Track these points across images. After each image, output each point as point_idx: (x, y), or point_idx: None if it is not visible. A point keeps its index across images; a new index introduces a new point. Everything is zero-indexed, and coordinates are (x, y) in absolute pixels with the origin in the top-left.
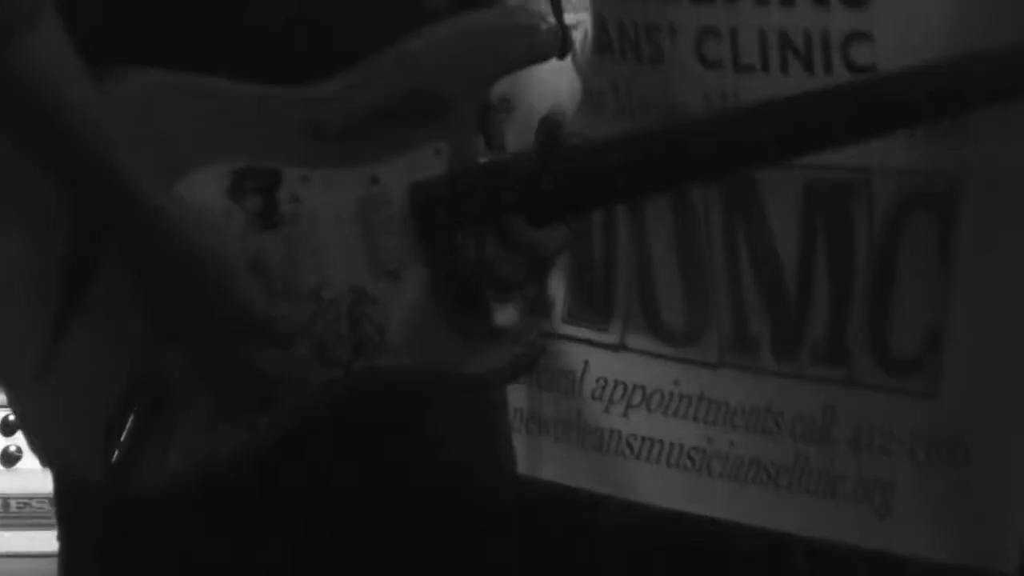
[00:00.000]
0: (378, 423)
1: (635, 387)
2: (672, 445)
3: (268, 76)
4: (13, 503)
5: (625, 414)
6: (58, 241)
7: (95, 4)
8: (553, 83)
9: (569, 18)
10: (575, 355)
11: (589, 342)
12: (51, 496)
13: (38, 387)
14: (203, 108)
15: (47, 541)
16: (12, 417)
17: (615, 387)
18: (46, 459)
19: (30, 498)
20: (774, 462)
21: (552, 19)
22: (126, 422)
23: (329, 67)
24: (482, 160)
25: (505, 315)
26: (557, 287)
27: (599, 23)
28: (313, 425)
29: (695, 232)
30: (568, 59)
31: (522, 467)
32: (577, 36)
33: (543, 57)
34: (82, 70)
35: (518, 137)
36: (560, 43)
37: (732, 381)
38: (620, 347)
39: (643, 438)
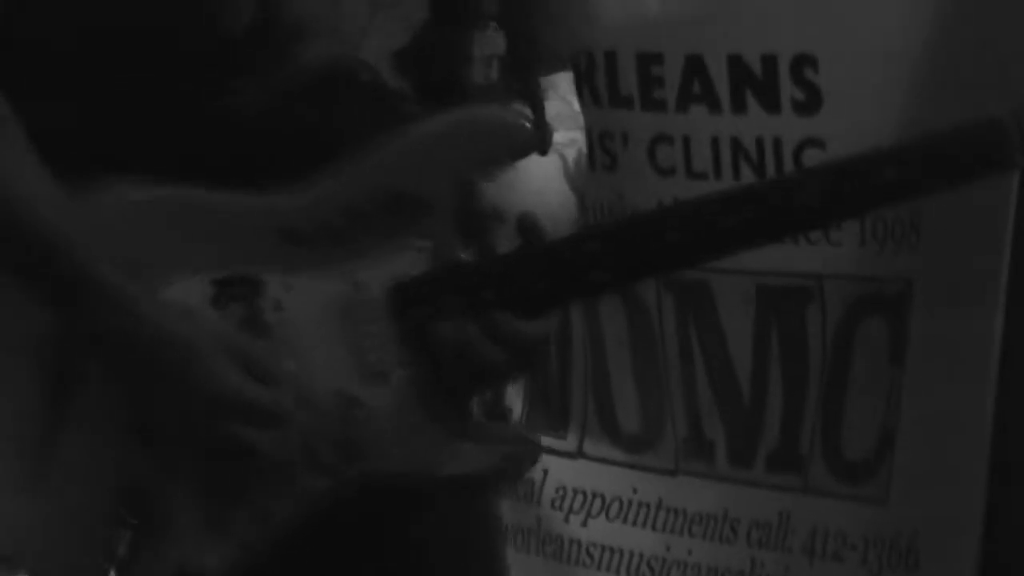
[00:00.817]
0: (369, 529)
1: (594, 495)
2: (631, 554)
3: (244, 180)
4: None
5: (584, 523)
6: (41, 358)
7: (68, 113)
8: (545, 195)
9: (562, 136)
10: None
11: (547, 450)
12: None
13: (27, 503)
14: (181, 221)
15: None
16: None
17: (574, 495)
18: None
19: None
20: (730, 569)
21: (530, 115)
22: (118, 540)
23: (305, 169)
24: (462, 258)
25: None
26: (514, 395)
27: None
28: (303, 531)
29: (650, 339)
30: (560, 174)
31: None
32: (570, 154)
33: (523, 154)
34: (51, 184)
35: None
36: (541, 139)
37: (689, 488)
38: (578, 454)
39: (603, 547)
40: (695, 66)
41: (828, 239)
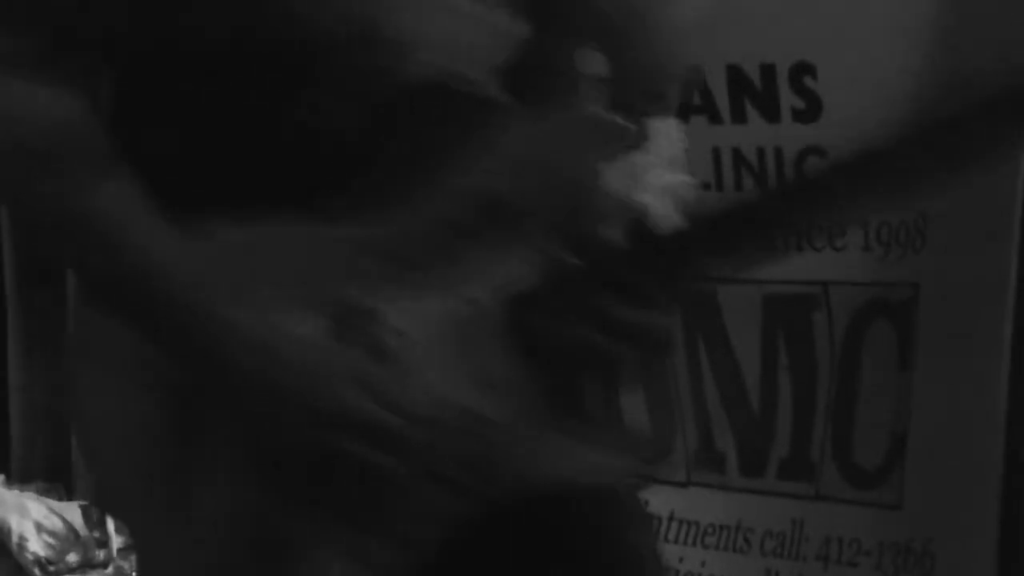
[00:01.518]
0: (506, 546)
1: None
2: None
3: (349, 204)
4: None
5: None
6: (168, 408)
7: (168, 146)
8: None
9: (673, 179)
10: None
11: None
12: None
13: (171, 556)
14: (293, 260)
15: None
16: None
17: None
18: None
19: None
20: None
21: (619, 117)
22: None
23: (410, 187)
24: (571, 261)
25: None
26: None
27: None
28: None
29: None
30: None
31: None
32: (686, 195)
33: (620, 151)
34: (164, 227)
35: None
36: (634, 137)
37: (701, 500)
38: None
39: None
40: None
41: (833, 245)
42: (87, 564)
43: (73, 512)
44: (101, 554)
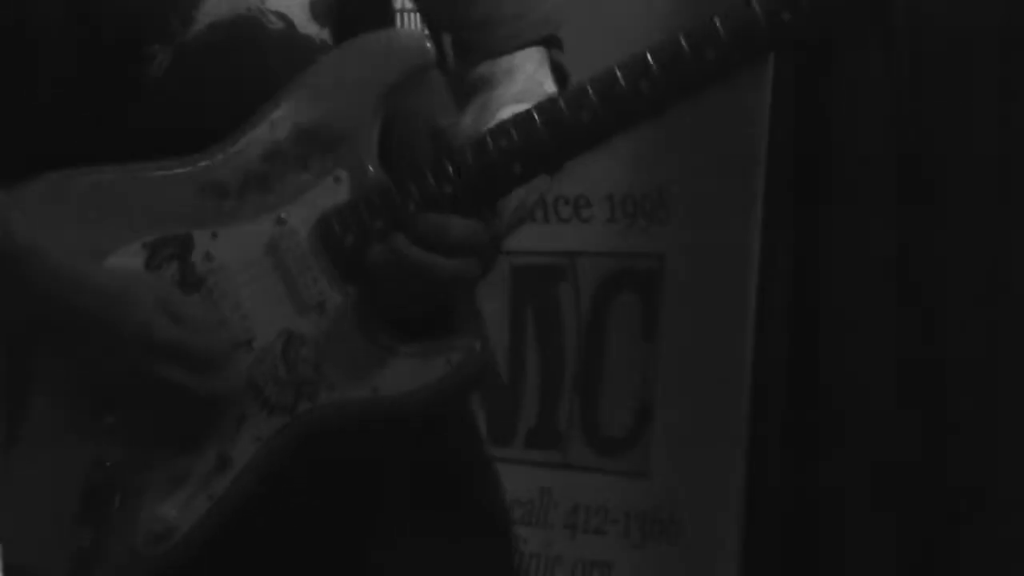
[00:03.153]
0: (343, 465)
1: None
2: None
3: (168, 144)
4: None
5: None
6: None
7: None
8: None
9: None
10: None
11: None
12: None
13: None
14: (107, 194)
15: None
16: None
17: None
18: (5, 569)
19: None
20: None
21: (427, 35)
22: (89, 518)
23: (225, 121)
24: (380, 179)
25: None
26: None
27: None
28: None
29: None
30: None
31: None
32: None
33: (423, 72)
34: None
35: None
36: (441, 56)
37: None
38: None
39: None
40: None
41: (579, 216)
42: None
43: None
44: None
